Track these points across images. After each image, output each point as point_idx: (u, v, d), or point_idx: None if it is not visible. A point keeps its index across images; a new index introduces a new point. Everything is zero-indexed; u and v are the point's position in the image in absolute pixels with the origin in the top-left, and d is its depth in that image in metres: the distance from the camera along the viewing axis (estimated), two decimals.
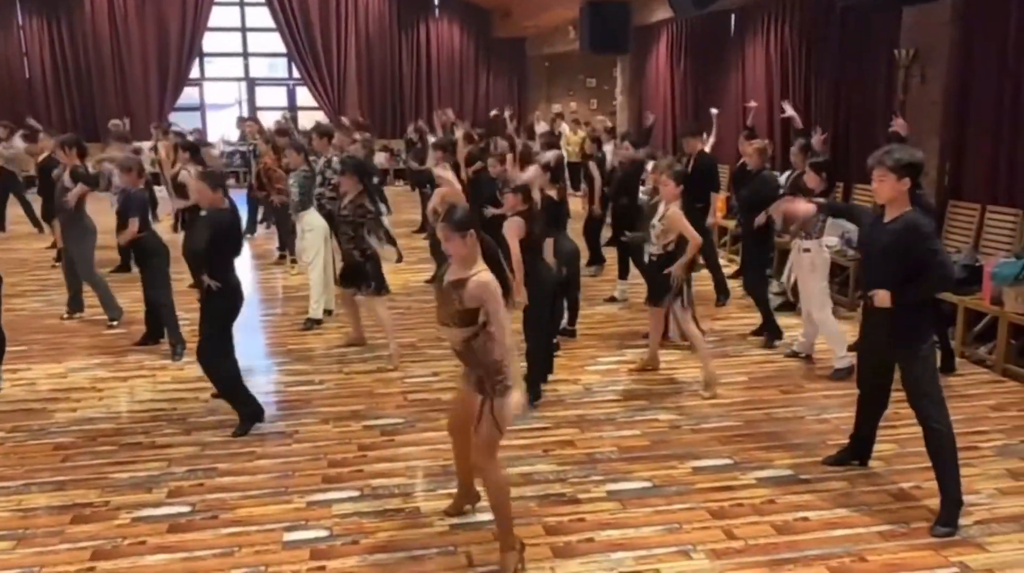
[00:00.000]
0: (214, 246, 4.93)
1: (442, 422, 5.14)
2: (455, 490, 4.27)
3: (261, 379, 6.05)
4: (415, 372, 6.10)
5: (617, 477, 4.44)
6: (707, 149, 8.38)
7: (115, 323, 7.28)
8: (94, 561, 3.65)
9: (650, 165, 7.86)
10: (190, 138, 10.95)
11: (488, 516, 3.99)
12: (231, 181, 15.55)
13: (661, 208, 5.77)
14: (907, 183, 3.90)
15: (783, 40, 10.55)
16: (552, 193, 6.49)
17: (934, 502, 4.06)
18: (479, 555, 3.67)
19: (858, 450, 4.53)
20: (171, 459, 4.66)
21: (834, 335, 6.00)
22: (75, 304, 7.60)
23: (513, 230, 5.33)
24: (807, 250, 6.03)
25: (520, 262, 5.24)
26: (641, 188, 8.30)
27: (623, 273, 8.21)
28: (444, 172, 5.56)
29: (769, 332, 6.79)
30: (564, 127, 17.07)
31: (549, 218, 5.96)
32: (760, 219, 6.66)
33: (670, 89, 14.03)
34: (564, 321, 6.79)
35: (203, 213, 5.25)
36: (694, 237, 5.57)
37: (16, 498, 4.23)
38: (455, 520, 3.98)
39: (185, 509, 4.10)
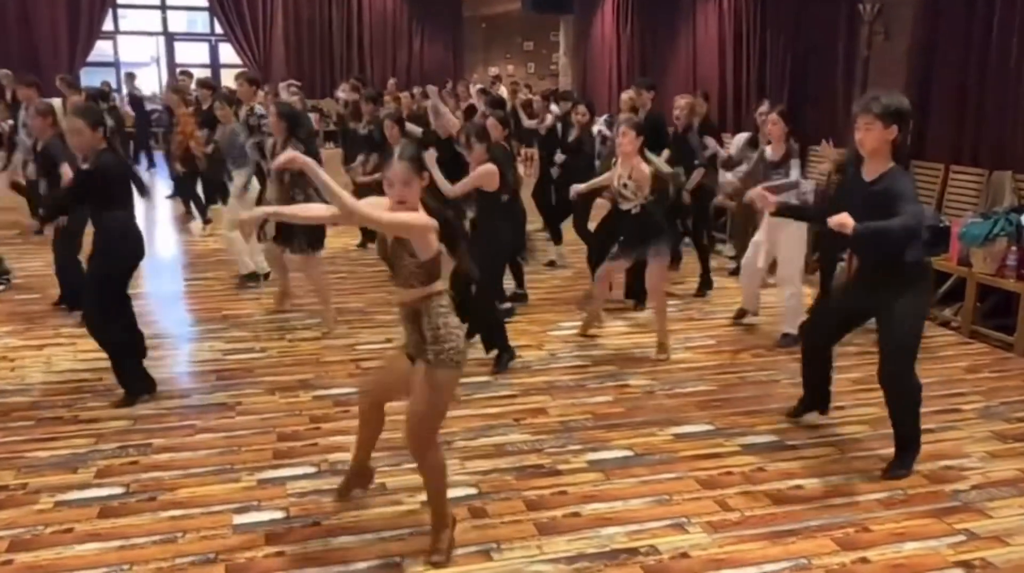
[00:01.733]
0: (94, 192, 4.37)
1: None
2: None
3: (194, 346, 5.54)
4: (366, 338, 5.68)
5: (596, 446, 4.14)
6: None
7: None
8: (11, 553, 3.15)
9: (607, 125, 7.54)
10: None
11: (464, 490, 3.66)
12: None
13: (620, 166, 5.40)
14: (894, 132, 3.61)
15: (736, 4, 10.30)
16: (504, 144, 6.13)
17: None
18: (459, 535, 3.30)
19: (815, 399, 4.39)
20: (99, 435, 4.14)
21: (798, 309, 5.79)
22: None
23: (483, 176, 5.09)
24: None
25: (464, 187, 5.12)
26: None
27: (558, 238, 7.99)
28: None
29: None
30: (503, 90, 16.62)
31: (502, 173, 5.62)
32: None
33: (616, 51, 13.72)
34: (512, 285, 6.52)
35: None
36: (669, 173, 5.35)
37: None
38: (426, 497, 3.61)
39: (117, 491, 3.61)
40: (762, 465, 3.96)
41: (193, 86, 10.47)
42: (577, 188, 5.87)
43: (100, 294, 4.46)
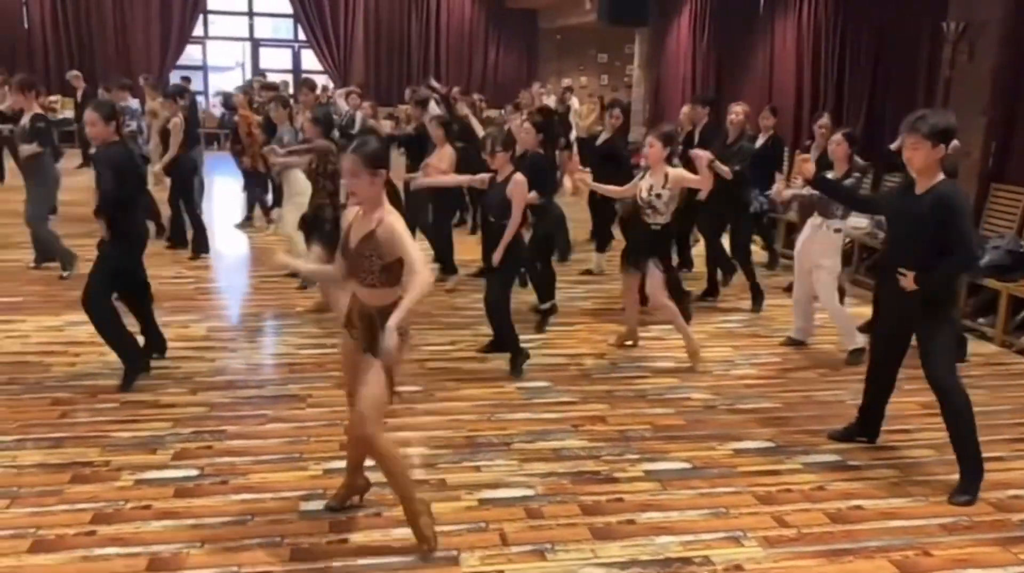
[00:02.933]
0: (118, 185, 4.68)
1: (463, 392, 4.90)
2: (481, 462, 4.02)
3: (269, 340, 5.76)
4: (432, 340, 5.80)
5: (654, 456, 4.16)
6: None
7: (67, 274, 6.96)
8: (95, 525, 3.36)
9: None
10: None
11: (521, 491, 3.74)
12: None
13: (650, 177, 5.39)
14: (941, 151, 3.71)
15: (816, 13, 10.17)
16: (540, 150, 6.26)
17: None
18: (514, 534, 3.39)
19: (866, 426, 4.34)
20: (176, 420, 4.36)
21: (845, 319, 5.72)
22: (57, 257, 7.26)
23: (521, 191, 5.15)
24: (838, 230, 5.65)
25: (517, 225, 5.15)
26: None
27: (600, 246, 7.99)
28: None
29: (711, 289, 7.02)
30: (574, 101, 16.68)
31: (539, 181, 5.81)
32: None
33: (690, 63, 13.65)
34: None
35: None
36: (699, 180, 5.34)
37: (10, 454, 3.93)
38: (486, 493, 3.70)
39: (192, 473, 3.81)
40: (822, 484, 3.93)
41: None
42: (589, 183, 6.00)
43: (101, 277, 4.77)
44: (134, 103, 10.00)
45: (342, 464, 3.91)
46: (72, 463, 3.86)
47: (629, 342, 5.86)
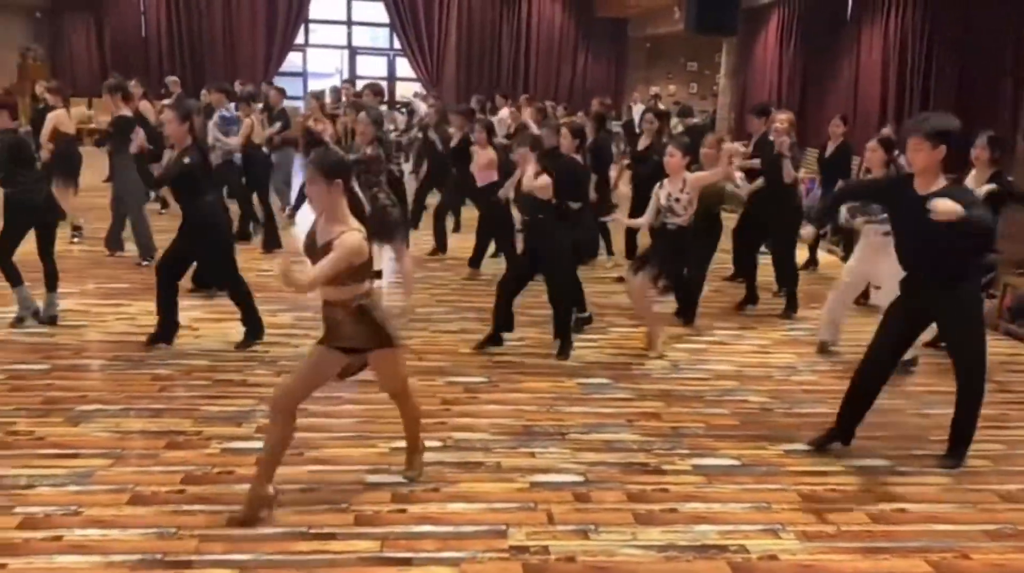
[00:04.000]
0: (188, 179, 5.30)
1: (525, 385, 5.14)
2: (536, 449, 4.25)
3: None
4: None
5: (704, 453, 4.32)
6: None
7: (146, 263, 7.55)
8: (185, 485, 3.75)
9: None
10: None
11: (571, 477, 3.95)
12: None
13: (668, 185, 5.65)
14: (942, 152, 3.81)
15: (903, 25, 10.03)
16: (577, 157, 6.42)
17: None
18: (560, 514, 3.61)
19: (844, 430, 4.37)
20: (261, 397, 4.75)
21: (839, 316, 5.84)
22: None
23: (548, 185, 5.47)
24: (887, 233, 5.66)
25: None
26: None
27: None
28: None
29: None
30: (662, 108, 16.73)
31: (569, 185, 6.01)
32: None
33: (777, 74, 13.58)
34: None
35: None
36: (715, 173, 5.72)
37: (115, 421, 4.39)
38: (538, 477, 3.94)
39: None
40: (869, 487, 4.01)
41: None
42: (621, 220, 6.41)
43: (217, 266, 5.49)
44: (231, 107, 10.68)
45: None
46: (168, 431, 4.29)
47: (654, 352, 5.85)
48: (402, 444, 4.20)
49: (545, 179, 5.51)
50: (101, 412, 4.49)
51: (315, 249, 3.41)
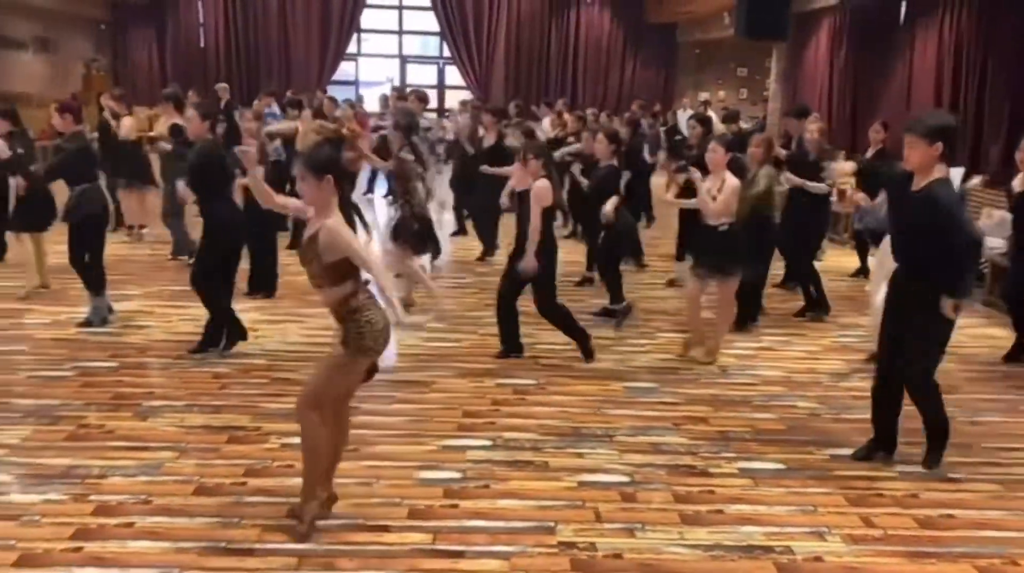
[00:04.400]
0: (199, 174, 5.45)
1: (573, 388, 5.23)
2: (584, 450, 4.34)
3: (400, 332, 6.27)
4: (547, 339, 6.13)
5: (751, 456, 4.36)
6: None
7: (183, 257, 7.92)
8: (247, 477, 3.92)
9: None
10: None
11: (618, 477, 4.03)
12: None
13: (710, 180, 5.66)
14: (938, 149, 3.87)
15: (958, 29, 9.90)
16: (613, 162, 6.69)
17: None
18: (607, 513, 3.69)
19: (883, 440, 4.34)
20: None
21: None
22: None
23: (540, 196, 5.42)
24: None
25: (538, 230, 5.38)
26: None
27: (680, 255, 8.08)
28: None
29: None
30: (712, 115, 16.68)
31: (607, 190, 6.47)
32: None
33: (828, 79, 13.46)
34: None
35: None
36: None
37: (180, 416, 4.60)
38: (585, 477, 4.02)
39: None
40: (916, 492, 4.01)
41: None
42: (669, 199, 6.51)
43: (204, 266, 5.51)
44: (276, 110, 11.02)
45: (459, 441, 4.37)
46: (229, 426, 4.48)
47: (695, 353, 5.86)
48: (453, 441, 4.35)
49: (541, 184, 5.48)
50: (167, 407, 4.70)
51: (304, 247, 3.35)
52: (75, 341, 5.83)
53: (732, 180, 5.60)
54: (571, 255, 8.05)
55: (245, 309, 6.41)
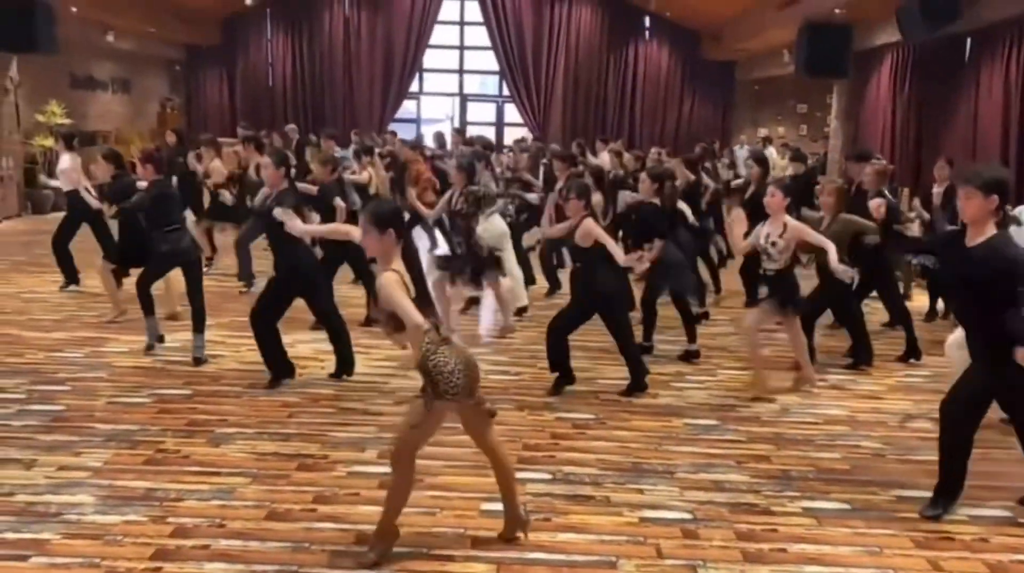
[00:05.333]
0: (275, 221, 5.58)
1: (633, 423, 5.26)
2: (644, 485, 4.35)
3: None
4: (608, 374, 6.19)
5: (814, 496, 4.32)
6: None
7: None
8: (316, 504, 4.05)
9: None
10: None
11: (680, 514, 4.04)
12: None
13: (769, 225, 5.68)
14: (994, 201, 3.78)
15: None
16: (655, 200, 6.76)
17: None
18: (669, 549, 3.71)
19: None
20: (382, 425, 5.04)
21: None
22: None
23: (585, 235, 5.58)
24: None
25: (611, 242, 5.61)
26: None
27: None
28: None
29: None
30: (771, 151, 16.62)
31: (647, 226, 6.55)
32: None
33: (891, 117, 13.33)
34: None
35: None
36: (822, 242, 5.64)
37: (252, 443, 4.76)
38: (646, 513, 4.05)
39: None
40: (986, 536, 3.93)
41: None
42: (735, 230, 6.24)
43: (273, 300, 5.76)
44: (339, 151, 11.35)
45: (519, 474, 4.38)
46: (298, 454, 4.62)
47: (766, 394, 5.83)
48: (517, 474, 4.38)
49: (588, 224, 5.59)
50: (239, 434, 4.87)
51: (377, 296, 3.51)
52: (152, 369, 6.08)
53: (793, 223, 5.61)
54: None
55: (312, 340, 6.61)
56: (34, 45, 12.58)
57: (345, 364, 5.97)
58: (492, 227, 7.64)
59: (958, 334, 5.63)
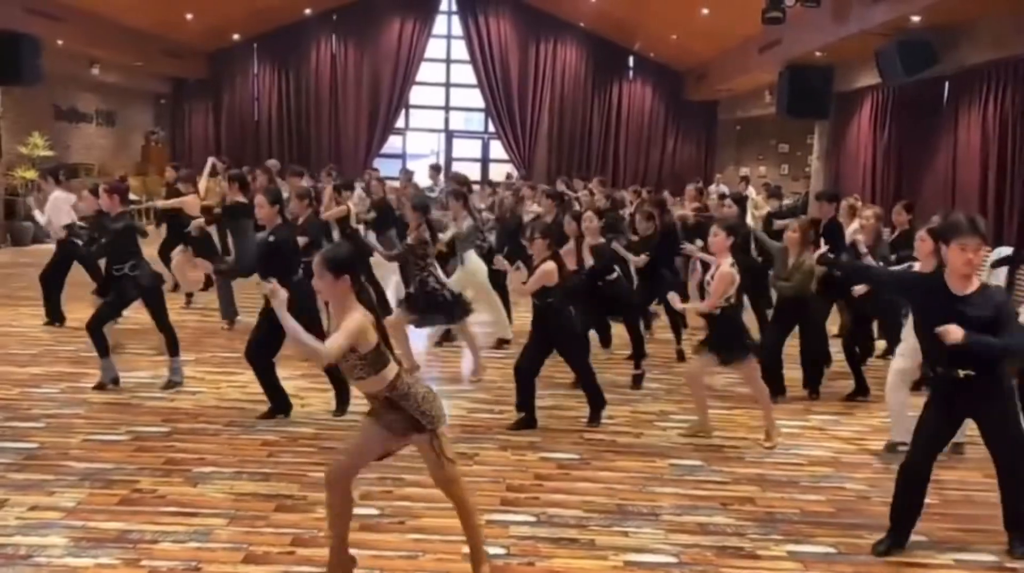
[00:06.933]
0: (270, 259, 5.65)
1: (617, 463, 5.21)
2: (630, 528, 4.30)
3: (444, 403, 6.33)
4: (589, 413, 6.15)
5: (800, 539, 4.29)
6: None
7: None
8: (294, 546, 3.97)
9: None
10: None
11: (665, 557, 3.99)
12: None
13: (713, 265, 5.70)
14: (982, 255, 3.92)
15: (1002, 110, 9.95)
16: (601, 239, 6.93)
17: None
18: None
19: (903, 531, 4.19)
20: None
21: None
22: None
23: (542, 278, 5.67)
24: None
25: (526, 293, 5.83)
26: None
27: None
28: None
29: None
30: (751, 191, 16.78)
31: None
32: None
33: (871, 158, 13.53)
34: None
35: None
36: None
37: (229, 483, 4.67)
38: (631, 556, 3.99)
39: (374, 512, 4.36)
40: None
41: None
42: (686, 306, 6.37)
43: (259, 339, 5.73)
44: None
45: (502, 516, 4.36)
46: (277, 494, 4.54)
47: (702, 433, 5.81)
48: (497, 516, 4.34)
49: (546, 266, 5.68)
50: (217, 474, 4.78)
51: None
52: (129, 405, 5.98)
53: (725, 268, 5.53)
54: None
55: (291, 376, 6.53)
56: (19, 76, 12.57)
57: (343, 403, 5.94)
58: (470, 267, 7.65)
59: (894, 379, 5.62)
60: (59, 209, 8.26)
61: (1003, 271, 5.50)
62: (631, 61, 21.15)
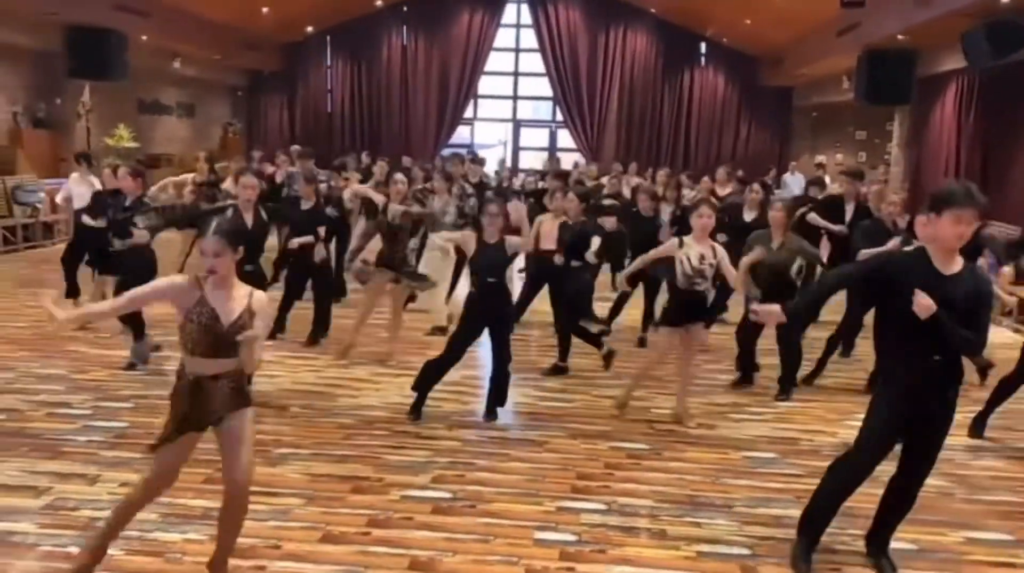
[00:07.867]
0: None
1: (689, 454, 5.17)
2: (703, 519, 4.27)
3: (514, 391, 6.36)
4: (662, 404, 6.11)
5: None
6: None
7: None
8: (370, 527, 4.05)
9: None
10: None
11: (739, 549, 3.95)
12: None
13: (698, 246, 5.60)
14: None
15: None
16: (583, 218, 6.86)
17: None
18: None
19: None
20: (435, 450, 5.05)
21: None
22: None
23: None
24: None
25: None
26: None
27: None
28: None
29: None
30: (827, 179, 16.36)
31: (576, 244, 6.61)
32: None
33: (955, 144, 13.02)
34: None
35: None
36: (733, 277, 5.64)
37: (306, 464, 4.80)
38: (704, 547, 3.96)
39: (447, 495, 4.43)
40: None
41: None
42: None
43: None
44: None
45: (572, 504, 4.38)
46: (353, 476, 4.64)
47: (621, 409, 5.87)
48: (568, 503, 4.37)
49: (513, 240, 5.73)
50: (294, 455, 4.91)
51: (225, 323, 3.28)
52: None
53: (722, 252, 5.61)
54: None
55: (368, 361, 6.65)
56: (108, 72, 13.05)
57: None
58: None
59: None
60: (79, 193, 8.58)
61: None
62: (703, 47, 20.78)
